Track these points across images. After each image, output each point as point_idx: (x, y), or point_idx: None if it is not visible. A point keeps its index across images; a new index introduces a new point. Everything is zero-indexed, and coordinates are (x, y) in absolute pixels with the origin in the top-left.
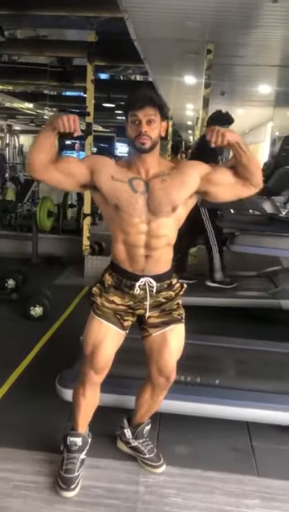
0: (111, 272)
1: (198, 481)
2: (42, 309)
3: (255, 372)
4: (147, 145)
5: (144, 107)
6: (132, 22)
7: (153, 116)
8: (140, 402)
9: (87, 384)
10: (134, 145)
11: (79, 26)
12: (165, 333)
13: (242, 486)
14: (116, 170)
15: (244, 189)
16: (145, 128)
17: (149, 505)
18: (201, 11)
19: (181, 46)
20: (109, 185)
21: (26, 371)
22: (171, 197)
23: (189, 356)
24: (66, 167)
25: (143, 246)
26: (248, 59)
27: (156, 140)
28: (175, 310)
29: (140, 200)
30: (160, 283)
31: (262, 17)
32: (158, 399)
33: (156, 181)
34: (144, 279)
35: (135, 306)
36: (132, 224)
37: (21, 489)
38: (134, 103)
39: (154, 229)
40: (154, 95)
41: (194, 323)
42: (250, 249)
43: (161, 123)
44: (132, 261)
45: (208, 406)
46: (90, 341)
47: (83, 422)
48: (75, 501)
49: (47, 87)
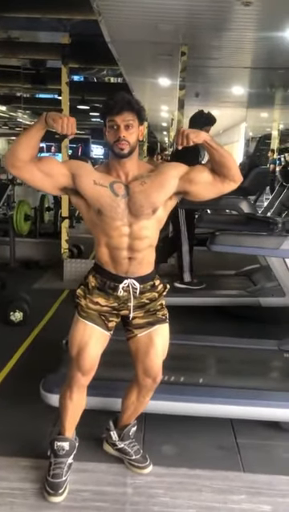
0: (94, 274)
1: (185, 480)
2: (22, 314)
3: (237, 370)
4: (125, 150)
5: (122, 112)
6: (106, 25)
7: (132, 121)
8: (126, 404)
9: (75, 387)
10: (113, 150)
11: (52, 28)
12: (151, 333)
13: (228, 483)
14: (97, 175)
15: (224, 185)
16: (124, 133)
17: (138, 505)
18: (175, 14)
19: (155, 49)
20: (92, 190)
21: (9, 378)
22: (151, 199)
23: (172, 356)
24: (47, 167)
25: (126, 249)
26: (221, 61)
27: (135, 144)
28: (159, 311)
29: (121, 203)
30: (143, 285)
31: (235, 20)
32: (144, 400)
33: (136, 184)
34: (128, 281)
35: (119, 307)
36: (114, 227)
37: (7, 496)
38: (112, 108)
39: (136, 231)
40: (132, 99)
41: (176, 323)
42: (229, 249)
43: (139, 127)
44: (115, 263)
45: (192, 405)
46: (75, 343)
47: (70, 426)
48: (63, 505)
49: (21, 90)
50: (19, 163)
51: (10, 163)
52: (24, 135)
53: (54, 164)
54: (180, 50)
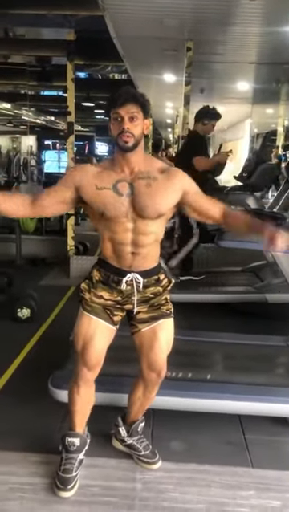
0: (98, 268)
1: (194, 475)
2: (29, 311)
3: (245, 366)
4: (130, 143)
5: (126, 103)
6: (111, 20)
7: (136, 113)
8: (132, 400)
9: (81, 382)
10: (117, 143)
11: (57, 24)
12: (155, 328)
13: (237, 478)
14: (99, 177)
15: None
16: (128, 124)
17: (147, 501)
18: (180, 9)
19: (160, 44)
20: (94, 196)
21: (17, 374)
22: (156, 205)
23: (180, 352)
24: (53, 200)
25: (130, 244)
26: (226, 57)
27: (140, 137)
28: (163, 305)
29: (125, 202)
30: (147, 279)
31: (240, 14)
32: (150, 395)
33: (142, 184)
34: (131, 275)
35: (123, 301)
36: (118, 223)
37: (17, 491)
38: (116, 101)
39: (140, 227)
40: (137, 92)
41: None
42: (237, 244)
43: (144, 120)
44: (119, 257)
45: (200, 401)
46: (80, 337)
47: (80, 421)
48: (73, 500)
49: (26, 87)
50: (27, 215)
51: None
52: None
53: (58, 192)
54: (185, 45)
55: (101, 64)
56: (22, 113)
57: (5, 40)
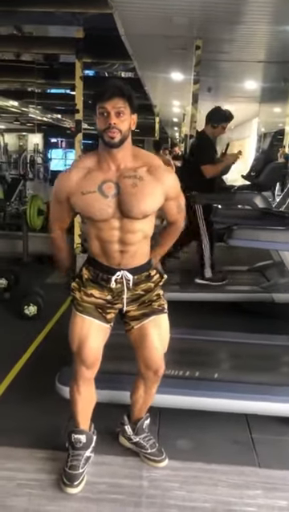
0: (88, 266)
1: (201, 474)
2: (36, 308)
3: (252, 365)
4: (116, 139)
5: (112, 98)
6: (121, 18)
7: (122, 108)
8: (134, 398)
9: (80, 381)
10: (103, 139)
11: (65, 22)
12: (146, 325)
13: (244, 478)
14: (84, 181)
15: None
16: (114, 120)
17: (154, 499)
18: (190, 6)
19: (169, 43)
20: (80, 202)
21: (24, 371)
22: (142, 206)
23: (187, 351)
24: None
25: (117, 242)
26: (235, 55)
27: (127, 133)
28: (155, 301)
29: (111, 203)
30: (137, 276)
31: (249, 12)
32: (151, 392)
33: (128, 183)
34: (121, 273)
35: (113, 300)
36: (105, 223)
37: (24, 487)
38: (102, 95)
39: (127, 226)
40: (124, 86)
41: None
42: (247, 243)
43: (131, 115)
44: (107, 255)
45: (207, 400)
46: (75, 337)
47: (83, 419)
48: (80, 497)
49: (34, 85)
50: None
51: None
52: (55, 253)
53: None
54: (194, 43)
55: (109, 62)
56: (29, 111)
57: (13, 38)
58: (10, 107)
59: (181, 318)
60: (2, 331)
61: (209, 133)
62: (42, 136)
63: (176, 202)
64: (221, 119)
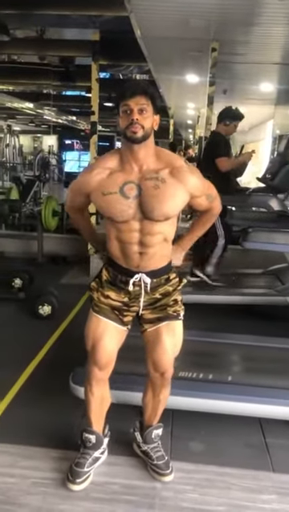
0: (107, 267)
1: (214, 477)
2: (50, 308)
3: (267, 369)
4: (139, 134)
5: (135, 95)
6: (137, 21)
7: (145, 105)
8: (144, 402)
9: (93, 381)
10: (125, 135)
11: (81, 25)
12: (159, 329)
13: (257, 482)
14: (106, 181)
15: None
16: (137, 115)
17: (167, 501)
18: (206, 9)
19: (185, 45)
20: (101, 202)
21: (38, 370)
22: (164, 209)
23: (200, 353)
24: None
25: (136, 243)
26: (251, 57)
27: (149, 131)
28: (171, 307)
29: (132, 204)
30: (156, 279)
31: (265, 14)
32: (159, 398)
33: (150, 185)
34: (139, 275)
35: (130, 302)
36: (125, 224)
37: (39, 485)
38: (125, 92)
39: (148, 228)
40: (146, 85)
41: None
42: (262, 246)
43: (154, 116)
44: (126, 257)
45: (220, 402)
46: (90, 338)
47: (96, 420)
48: (94, 497)
49: (49, 87)
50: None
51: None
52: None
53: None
54: (210, 46)
55: (124, 64)
56: (44, 113)
57: (30, 40)
58: (26, 109)
59: (194, 321)
60: (16, 330)
61: (222, 132)
62: (57, 137)
63: (203, 195)
64: (233, 117)
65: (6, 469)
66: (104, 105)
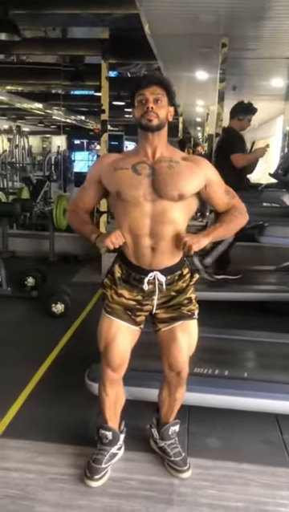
0: (120, 264)
1: (232, 473)
2: (63, 306)
3: (282, 365)
4: (154, 122)
5: (150, 85)
6: (147, 18)
7: (160, 95)
8: (160, 400)
9: (107, 382)
10: (140, 124)
11: (90, 23)
12: (173, 329)
13: (276, 478)
14: (119, 160)
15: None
16: (152, 104)
17: (185, 497)
18: (216, 4)
19: (194, 41)
20: (111, 176)
21: (53, 367)
22: (177, 184)
23: (216, 350)
24: (89, 199)
25: (148, 235)
26: (261, 52)
27: (164, 120)
28: (185, 306)
29: (143, 181)
30: (170, 276)
31: (275, 8)
32: (175, 397)
33: (163, 165)
34: (153, 274)
35: (143, 300)
36: (135, 205)
37: (56, 481)
38: (141, 82)
39: (159, 211)
40: (162, 76)
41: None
42: (278, 241)
43: (169, 107)
44: (138, 254)
45: (236, 399)
46: (102, 339)
47: (111, 417)
48: (111, 493)
49: (59, 87)
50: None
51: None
52: (79, 229)
53: (88, 190)
54: (220, 41)
55: (134, 63)
56: (53, 113)
57: (39, 40)
58: (35, 110)
59: (207, 317)
60: (31, 328)
61: (236, 127)
62: (66, 137)
63: (222, 187)
64: (247, 111)
65: (24, 465)
66: (113, 104)
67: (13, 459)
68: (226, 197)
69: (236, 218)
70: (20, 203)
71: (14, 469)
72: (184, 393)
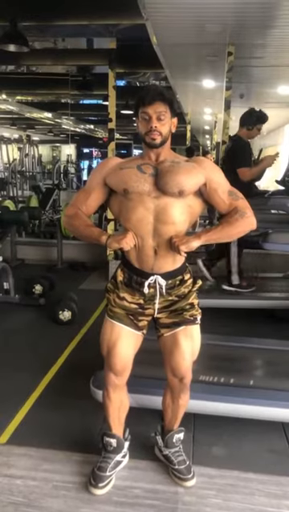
0: (122, 267)
1: (237, 483)
2: (70, 313)
3: (288, 373)
4: (157, 141)
5: (153, 102)
6: (154, 28)
7: (164, 112)
8: (164, 407)
9: (110, 387)
10: (144, 141)
11: (98, 33)
12: (176, 334)
13: (282, 488)
14: (124, 162)
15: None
16: (155, 123)
17: (190, 505)
18: (222, 13)
19: (201, 50)
20: (117, 175)
21: (59, 374)
22: (177, 178)
23: (221, 357)
24: (92, 202)
25: (151, 234)
26: (267, 60)
27: (167, 135)
28: (187, 311)
29: (148, 179)
30: (171, 280)
31: (282, 16)
32: (179, 403)
33: (166, 165)
34: (154, 277)
35: (145, 304)
36: (140, 202)
37: (60, 489)
38: (144, 99)
39: (161, 207)
40: (165, 91)
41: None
42: (283, 247)
43: (172, 119)
44: (141, 257)
45: (242, 407)
46: (104, 343)
47: (115, 424)
48: (115, 501)
49: (67, 96)
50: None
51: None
52: (83, 232)
53: (91, 193)
54: (226, 50)
55: (141, 72)
56: (62, 122)
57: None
58: (44, 119)
59: (214, 325)
60: (38, 335)
61: (245, 136)
62: (75, 146)
63: (224, 187)
64: (256, 120)
65: (28, 472)
66: (121, 113)
67: (17, 466)
68: (229, 197)
69: (235, 221)
70: (29, 211)
71: (18, 476)
72: (187, 399)
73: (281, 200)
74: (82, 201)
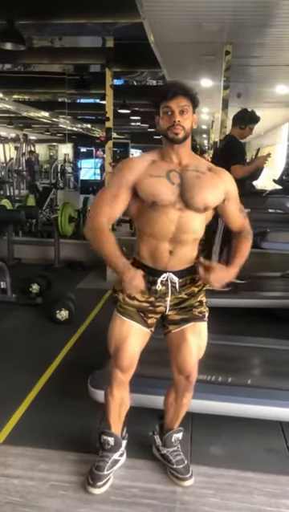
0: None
1: (236, 482)
2: (67, 312)
3: (286, 372)
4: (180, 135)
5: (176, 96)
6: (151, 27)
7: (186, 107)
8: (166, 405)
9: (115, 384)
10: (167, 136)
11: (95, 32)
12: (184, 330)
13: (280, 487)
14: (152, 167)
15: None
16: (178, 117)
17: (188, 505)
18: (220, 12)
19: (198, 49)
20: (149, 184)
21: (56, 373)
22: (203, 194)
23: (220, 356)
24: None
25: (169, 241)
26: (265, 60)
27: (189, 131)
28: (196, 308)
29: (175, 191)
30: (182, 278)
31: (280, 15)
32: (182, 402)
33: (191, 175)
34: (166, 275)
35: (156, 302)
36: (165, 213)
37: (58, 488)
38: (166, 93)
39: (184, 220)
40: (186, 86)
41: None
42: (281, 246)
43: (193, 115)
44: (155, 258)
45: (240, 406)
46: (113, 339)
47: (115, 422)
48: (113, 500)
49: (64, 95)
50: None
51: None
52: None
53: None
54: (224, 49)
55: (138, 71)
56: (59, 121)
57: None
58: (42, 118)
59: (213, 324)
60: (35, 334)
61: (237, 135)
62: (72, 145)
63: (237, 204)
64: (249, 120)
65: (26, 472)
66: (119, 112)
67: (14, 466)
68: (241, 215)
69: (247, 241)
70: (25, 210)
71: (15, 475)
72: (190, 399)
73: (279, 199)
74: (109, 204)
